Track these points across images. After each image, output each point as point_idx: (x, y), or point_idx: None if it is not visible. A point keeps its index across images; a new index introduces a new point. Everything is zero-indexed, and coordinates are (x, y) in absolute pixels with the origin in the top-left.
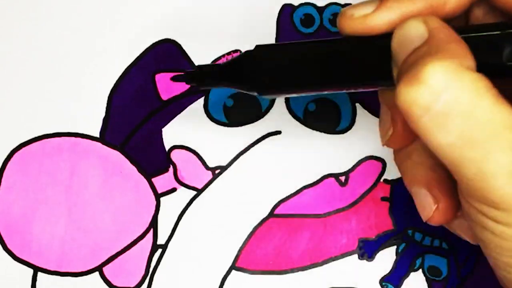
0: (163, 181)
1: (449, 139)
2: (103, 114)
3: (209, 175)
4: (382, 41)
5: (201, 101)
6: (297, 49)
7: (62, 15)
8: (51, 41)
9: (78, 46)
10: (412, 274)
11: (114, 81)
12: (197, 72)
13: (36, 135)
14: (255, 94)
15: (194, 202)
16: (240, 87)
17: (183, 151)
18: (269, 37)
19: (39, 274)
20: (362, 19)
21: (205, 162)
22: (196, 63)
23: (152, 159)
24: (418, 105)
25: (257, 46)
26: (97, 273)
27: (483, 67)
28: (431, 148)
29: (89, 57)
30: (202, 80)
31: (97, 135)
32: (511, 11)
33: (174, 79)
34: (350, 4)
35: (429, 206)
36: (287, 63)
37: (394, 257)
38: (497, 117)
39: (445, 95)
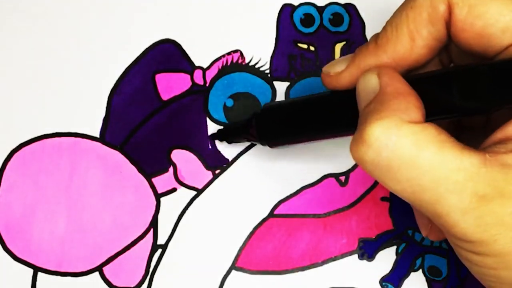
0: (163, 181)
1: (401, 186)
2: (103, 114)
3: (209, 175)
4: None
5: (201, 100)
6: (294, 106)
7: (62, 15)
8: (51, 41)
9: (78, 46)
10: (412, 274)
11: (114, 81)
12: (223, 132)
13: (36, 135)
14: (267, 146)
15: (194, 202)
16: (254, 140)
17: (183, 151)
18: (268, 37)
19: (39, 274)
20: (336, 77)
21: (205, 162)
22: (196, 63)
23: (152, 159)
24: (366, 162)
25: (263, 108)
26: (97, 273)
27: (438, 110)
28: (393, 193)
29: (89, 57)
30: (227, 138)
31: (97, 135)
32: (475, 52)
33: (210, 138)
34: (350, 3)
35: (425, 225)
36: (287, 120)
37: (394, 257)
38: (441, 163)
39: (386, 152)
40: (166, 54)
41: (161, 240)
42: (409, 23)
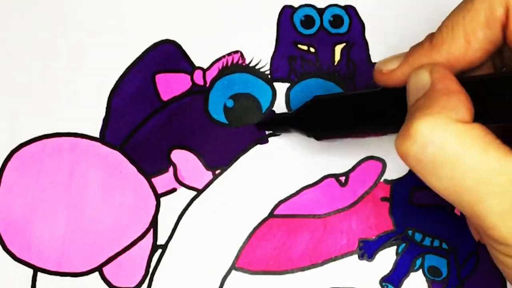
0: (163, 181)
1: (442, 184)
2: (103, 114)
3: (209, 175)
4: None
5: (201, 101)
6: (344, 100)
7: (62, 15)
8: (51, 41)
9: (78, 46)
10: (412, 274)
11: (114, 81)
12: (270, 122)
13: (36, 135)
14: (314, 139)
15: (194, 202)
16: (300, 132)
17: (183, 151)
18: (269, 38)
19: (39, 274)
20: (388, 74)
21: (205, 162)
22: (196, 63)
23: (152, 159)
24: (410, 157)
25: (314, 100)
26: (97, 273)
27: (489, 114)
28: (433, 190)
29: (89, 57)
30: (274, 127)
31: (97, 135)
32: None
33: (257, 127)
34: (349, 5)
35: (477, 230)
36: (336, 113)
37: (394, 257)
38: (485, 164)
39: (431, 148)
40: (166, 55)
41: (161, 240)
42: (465, 25)
